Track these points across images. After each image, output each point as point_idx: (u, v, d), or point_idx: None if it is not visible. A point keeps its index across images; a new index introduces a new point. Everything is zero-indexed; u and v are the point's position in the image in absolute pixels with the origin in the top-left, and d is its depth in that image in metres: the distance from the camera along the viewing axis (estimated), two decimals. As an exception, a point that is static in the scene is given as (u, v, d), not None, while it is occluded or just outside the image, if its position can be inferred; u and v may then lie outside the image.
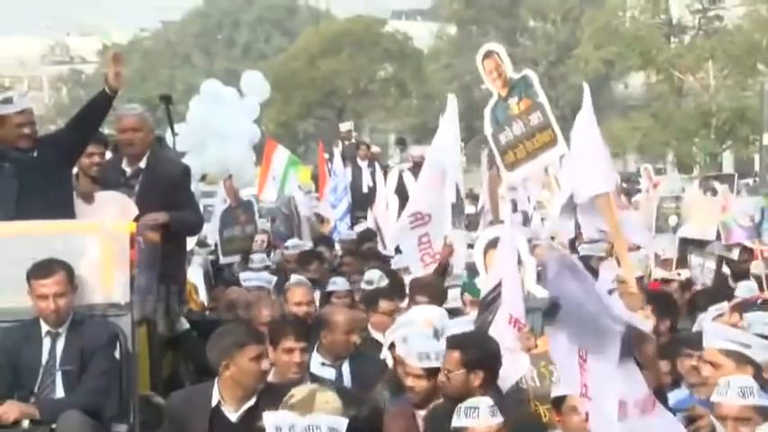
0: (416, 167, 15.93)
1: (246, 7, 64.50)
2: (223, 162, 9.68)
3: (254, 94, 10.22)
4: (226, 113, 9.68)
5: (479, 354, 4.78)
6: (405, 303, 6.86)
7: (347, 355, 5.80)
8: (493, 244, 5.79)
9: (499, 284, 5.27)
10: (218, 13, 64.89)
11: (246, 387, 4.70)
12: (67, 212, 5.77)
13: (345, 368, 5.78)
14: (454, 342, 4.89)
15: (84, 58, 77.91)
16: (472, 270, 6.65)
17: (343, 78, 49.92)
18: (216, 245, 9.74)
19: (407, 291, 7.10)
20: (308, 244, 10.45)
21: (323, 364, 5.78)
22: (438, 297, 6.44)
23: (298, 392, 4.22)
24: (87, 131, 5.94)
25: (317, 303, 7.09)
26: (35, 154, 5.76)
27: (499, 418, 4.17)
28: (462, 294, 6.63)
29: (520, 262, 5.32)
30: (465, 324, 5.44)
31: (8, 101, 5.86)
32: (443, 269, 7.48)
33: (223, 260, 9.66)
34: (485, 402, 4.21)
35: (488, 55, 6.59)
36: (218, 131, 9.57)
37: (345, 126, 17.52)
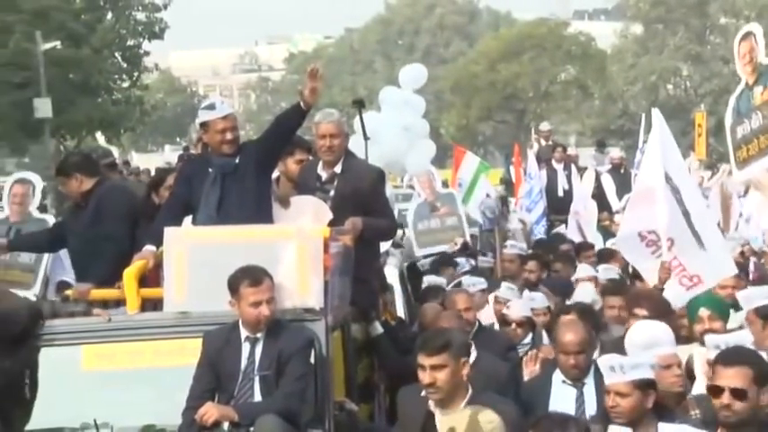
0: (615, 170, 15.51)
1: (427, 13, 64.99)
2: (382, 154, 9.63)
3: (411, 85, 10.16)
4: (393, 113, 9.67)
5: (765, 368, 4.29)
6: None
7: (583, 374, 5.40)
8: None
9: None
10: (400, 20, 65.69)
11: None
12: (265, 219, 5.81)
13: (588, 388, 5.37)
14: (739, 358, 4.38)
15: (271, 66, 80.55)
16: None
17: (524, 81, 49.52)
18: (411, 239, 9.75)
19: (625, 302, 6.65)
20: (517, 245, 10.17)
21: (563, 382, 5.46)
22: (659, 310, 5.89)
23: (458, 421, 3.86)
24: (281, 142, 6.00)
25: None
26: (237, 160, 5.83)
27: None
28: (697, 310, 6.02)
29: None
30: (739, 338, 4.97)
31: (211, 107, 5.96)
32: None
33: (418, 252, 9.66)
34: None
35: (745, 36, 6.09)
36: (378, 129, 9.56)
37: (545, 125, 17.24)
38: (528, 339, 6.90)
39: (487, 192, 12.04)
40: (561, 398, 5.30)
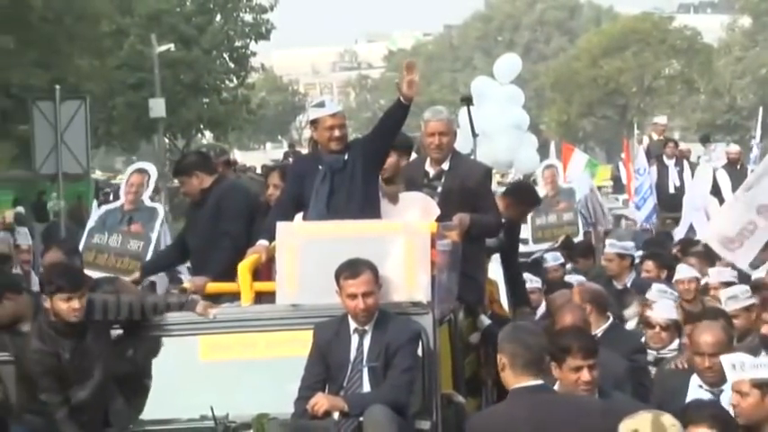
0: (731, 165, 14.82)
1: (527, 9, 64.49)
2: (495, 152, 9.59)
3: (508, 77, 10.05)
4: (488, 106, 9.61)
5: None
6: None
7: (721, 379, 5.13)
8: None
9: None
10: (500, 16, 65.32)
11: None
12: (373, 214, 5.92)
13: (726, 395, 5.10)
14: None
15: (370, 64, 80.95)
16: None
17: (627, 77, 48.79)
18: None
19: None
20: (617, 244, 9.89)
21: (700, 386, 5.34)
22: None
23: (642, 424, 3.80)
24: (387, 139, 6.07)
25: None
26: (346, 157, 5.95)
27: None
28: None
29: None
30: None
31: (321, 104, 6.10)
32: None
33: (533, 247, 9.63)
34: None
35: None
36: (484, 125, 9.51)
37: (662, 119, 16.68)
38: (675, 345, 6.53)
39: (591, 186, 11.79)
40: None
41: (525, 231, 10.71)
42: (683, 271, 7.94)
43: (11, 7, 16.17)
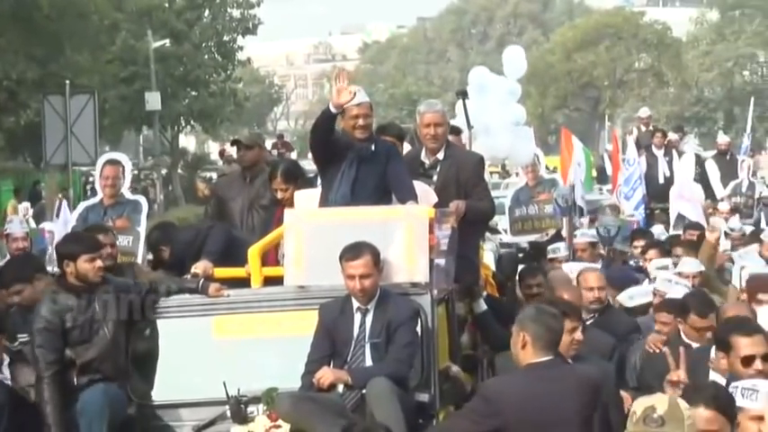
0: (721, 156, 14.89)
1: (501, 2, 64.91)
2: (493, 147, 9.72)
3: (513, 71, 10.11)
4: (489, 100, 9.74)
5: None
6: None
7: None
8: None
9: None
10: (474, 9, 65.67)
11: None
12: (389, 202, 6.27)
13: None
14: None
15: (345, 56, 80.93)
16: None
17: (600, 70, 49.41)
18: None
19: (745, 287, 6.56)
20: (588, 233, 9.78)
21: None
22: None
23: (659, 403, 3.84)
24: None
25: None
26: (373, 147, 6.28)
27: None
28: None
29: None
30: None
31: None
32: None
33: (512, 239, 9.72)
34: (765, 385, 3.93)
35: None
36: (485, 118, 9.63)
37: (645, 111, 16.54)
38: None
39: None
40: None
41: (503, 223, 10.77)
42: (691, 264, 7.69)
43: (17, 6, 16.33)
